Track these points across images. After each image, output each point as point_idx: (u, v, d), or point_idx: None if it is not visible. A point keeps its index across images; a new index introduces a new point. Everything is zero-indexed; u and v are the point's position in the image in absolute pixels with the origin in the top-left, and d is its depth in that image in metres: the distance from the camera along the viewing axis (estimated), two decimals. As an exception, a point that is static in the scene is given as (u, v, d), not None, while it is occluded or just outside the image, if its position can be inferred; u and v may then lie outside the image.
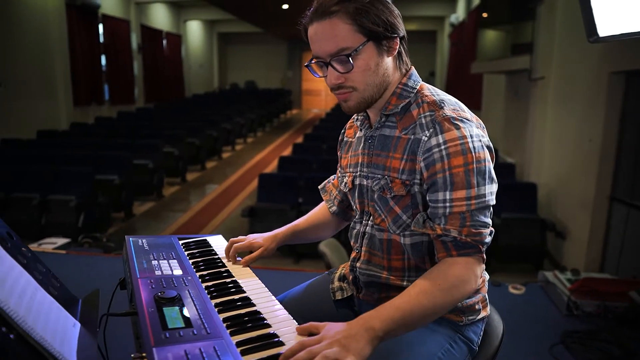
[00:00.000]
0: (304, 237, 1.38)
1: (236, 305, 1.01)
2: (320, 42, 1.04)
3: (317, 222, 1.41)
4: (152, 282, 1.07)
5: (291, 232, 1.36)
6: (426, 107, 1.07)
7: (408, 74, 1.13)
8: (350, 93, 1.08)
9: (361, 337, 0.86)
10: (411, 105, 1.10)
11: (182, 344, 0.82)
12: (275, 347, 0.87)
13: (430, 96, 1.09)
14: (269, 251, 1.31)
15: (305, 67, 1.13)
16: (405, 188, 1.08)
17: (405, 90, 1.11)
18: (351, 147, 1.28)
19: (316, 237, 1.41)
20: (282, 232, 1.35)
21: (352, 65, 1.03)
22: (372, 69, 1.05)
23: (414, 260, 1.12)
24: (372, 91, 1.08)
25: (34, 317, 0.81)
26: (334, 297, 1.30)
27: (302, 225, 1.38)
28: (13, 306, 0.77)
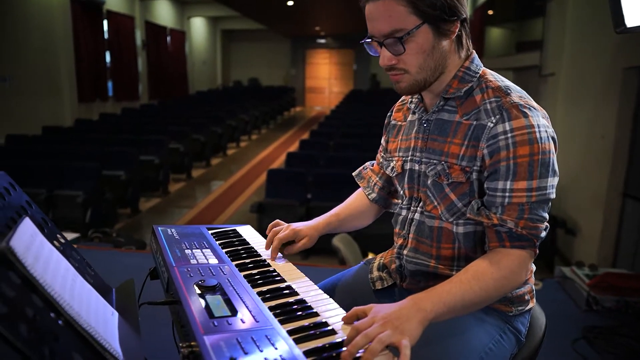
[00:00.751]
0: (343, 227, 1.34)
1: (280, 293, 0.98)
2: (375, 21, 1.01)
3: (356, 210, 1.36)
4: (189, 271, 1.04)
5: (331, 221, 1.31)
6: (491, 93, 1.04)
7: (470, 58, 1.09)
8: (402, 75, 1.05)
9: (413, 318, 0.84)
10: (474, 90, 1.07)
11: (232, 332, 0.79)
12: (327, 335, 0.83)
13: (495, 82, 1.06)
14: (312, 242, 1.26)
15: (360, 43, 1.09)
16: (464, 175, 1.04)
17: (467, 75, 1.08)
18: (401, 131, 1.25)
19: (354, 225, 1.37)
20: (323, 222, 1.30)
21: (403, 48, 1.00)
22: (427, 52, 1.02)
23: (464, 250, 1.09)
24: (425, 74, 1.04)
25: (78, 304, 0.78)
26: (374, 286, 1.26)
27: (342, 214, 1.34)
28: (59, 290, 0.74)
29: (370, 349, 0.77)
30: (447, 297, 0.91)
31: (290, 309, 0.91)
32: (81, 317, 0.74)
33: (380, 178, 1.37)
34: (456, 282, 0.94)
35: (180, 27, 14.72)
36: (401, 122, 1.27)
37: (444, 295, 0.91)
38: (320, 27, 16.49)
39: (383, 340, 0.78)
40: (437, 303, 0.89)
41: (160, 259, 1.15)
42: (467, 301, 0.93)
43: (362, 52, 18.19)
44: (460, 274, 0.97)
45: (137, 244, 4.13)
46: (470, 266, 0.98)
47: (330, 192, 5.24)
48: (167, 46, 13.49)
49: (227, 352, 0.72)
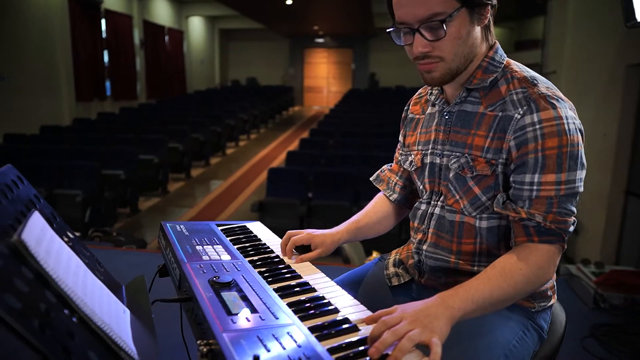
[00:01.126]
0: (363, 233, 1.28)
1: (297, 290, 0.95)
2: (409, 6, 0.96)
3: (377, 215, 1.31)
4: (201, 267, 1.01)
5: (350, 229, 1.25)
6: (517, 84, 1.01)
7: (494, 48, 1.06)
8: (437, 63, 1.01)
9: (441, 316, 0.82)
10: (498, 81, 1.04)
11: (252, 329, 0.76)
12: (350, 332, 0.81)
13: (520, 72, 1.03)
14: (326, 251, 1.20)
15: (386, 33, 1.05)
16: (490, 167, 1.01)
17: (491, 65, 1.05)
18: (419, 124, 1.22)
19: (376, 231, 1.31)
20: (343, 231, 1.24)
21: (444, 32, 0.96)
22: (463, 38, 0.98)
23: (486, 245, 1.06)
24: (459, 62, 1.01)
25: (91, 300, 0.74)
26: (390, 283, 1.23)
27: (362, 221, 1.28)
28: (72, 286, 0.71)
29: (400, 347, 0.74)
30: (475, 295, 0.88)
31: (309, 306, 0.88)
32: (96, 314, 0.71)
33: (400, 177, 1.33)
34: (484, 278, 0.92)
35: (178, 27, 14.67)
36: (419, 115, 1.24)
37: (472, 293, 0.88)
38: (319, 26, 16.46)
39: (413, 339, 0.75)
40: (466, 300, 0.87)
41: (170, 255, 1.12)
42: (495, 298, 0.90)
43: (361, 51, 18.20)
44: (487, 270, 0.94)
45: (138, 243, 4.09)
46: (497, 262, 0.95)
47: (331, 190, 5.21)
48: (165, 45, 13.43)
49: (249, 349, 0.69)
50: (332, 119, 10.08)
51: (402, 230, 4.47)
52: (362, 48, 18.20)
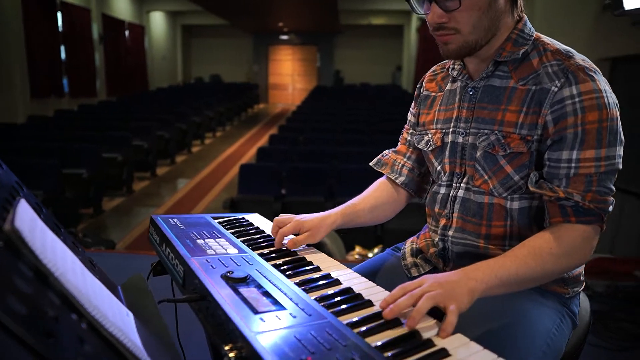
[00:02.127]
0: (360, 219, 1.18)
1: (322, 284, 0.86)
2: None
3: (377, 200, 1.21)
4: (209, 262, 0.90)
5: (346, 212, 1.16)
6: (550, 56, 0.96)
7: (523, 21, 1.02)
8: (453, 35, 0.96)
9: (463, 286, 0.79)
10: (530, 54, 0.99)
11: (287, 329, 0.66)
12: (394, 327, 0.72)
13: (553, 44, 0.99)
14: (315, 236, 1.10)
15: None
16: (526, 144, 0.95)
17: (521, 37, 1.00)
18: (436, 102, 1.15)
19: (375, 218, 1.22)
20: (337, 214, 1.14)
21: (459, 2, 0.91)
22: (482, 10, 0.93)
23: (517, 227, 1.00)
24: (477, 35, 0.95)
25: (98, 303, 0.63)
26: (409, 274, 1.16)
27: (360, 205, 1.18)
28: (76, 285, 0.59)
29: (418, 308, 0.71)
30: (499, 270, 0.84)
31: (340, 300, 0.79)
32: (107, 318, 0.60)
33: (408, 159, 1.25)
34: (510, 256, 0.88)
35: (139, 22, 14.21)
36: (436, 92, 1.17)
37: (496, 268, 0.85)
38: (284, 22, 16.31)
39: (431, 297, 0.73)
40: (489, 274, 0.83)
41: (168, 251, 1.01)
42: (522, 277, 0.86)
43: (326, 49, 18.17)
44: (515, 248, 0.90)
45: (106, 244, 3.89)
46: (527, 241, 0.91)
47: (305, 186, 5.12)
48: (125, 41, 12.97)
49: (292, 353, 0.60)
50: (300, 115, 9.99)
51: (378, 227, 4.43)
52: (327, 45, 18.16)
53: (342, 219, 1.15)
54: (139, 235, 5.08)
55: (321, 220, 1.12)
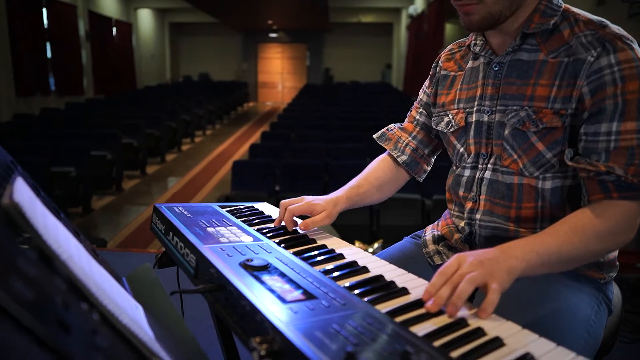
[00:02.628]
0: (364, 201, 1.15)
1: (349, 271, 0.79)
2: None
3: (378, 181, 1.18)
4: (224, 250, 0.82)
5: (351, 194, 1.12)
6: (582, 26, 0.90)
7: None
8: (475, 6, 0.90)
9: (502, 264, 0.73)
10: (559, 25, 0.93)
11: (323, 319, 0.59)
12: (436, 315, 0.65)
13: (584, 15, 0.93)
14: (331, 217, 1.06)
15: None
16: (560, 119, 0.90)
17: (549, 8, 0.94)
18: (456, 81, 1.10)
19: (376, 199, 1.19)
20: (342, 198, 1.10)
21: None
22: None
23: (549, 208, 0.95)
24: (502, 6, 0.90)
25: (106, 292, 0.55)
26: (432, 262, 1.10)
27: (363, 187, 1.15)
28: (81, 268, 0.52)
29: (459, 292, 0.66)
30: (540, 248, 0.78)
31: (373, 288, 0.72)
32: (120, 309, 0.52)
33: (413, 138, 1.20)
34: (551, 233, 0.82)
35: (126, 19, 14.01)
36: (455, 72, 1.11)
37: (536, 245, 0.78)
38: (273, 20, 16.20)
39: (471, 280, 0.67)
40: (529, 252, 0.77)
41: (176, 240, 0.93)
42: (565, 255, 0.80)
43: (315, 47, 18.09)
44: (556, 225, 0.84)
45: (98, 243, 3.78)
46: (568, 217, 0.85)
47: (299, 183, 5.04)
48: (112, 38, 12.77)
49: (333, 344, 0.52)
50: (291, 112, 9.91)
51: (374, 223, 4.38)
52: (316, 43, 18.07)
53: (347, 202, 1.11)
54: (130, 234, 4.97)
55: (332, 203, 1.08)
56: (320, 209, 1.05)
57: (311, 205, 1.05)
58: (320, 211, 1.05)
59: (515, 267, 0.74)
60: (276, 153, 5.86)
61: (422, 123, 1.20)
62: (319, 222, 1.04)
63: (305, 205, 1.05)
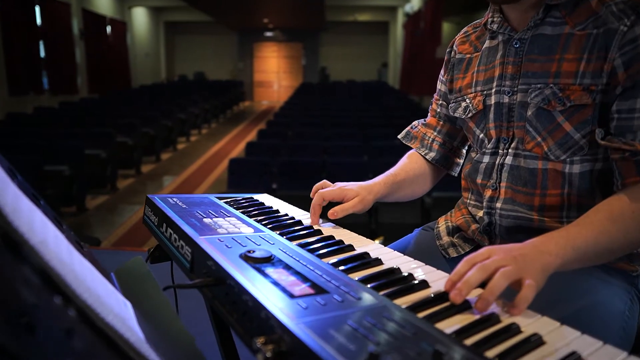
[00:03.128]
0: (400, 191, 1.08)
1: (361, 263, 0.71)
2: None
3: (414, 172, 1.11)
4: (222, 242, 0.75)
5: (389, 183, 1.05)
6: None
7: None
8: None
9: (536, 260, 0.66)
10: None
11: (335, 315, 0.52)
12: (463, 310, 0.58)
13: None
14: (365, 204, 0.98)
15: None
16: (590, 95, 0.83)
17: None
18: (472, 63, 1.03)
19: (411, 192, 1.12)
20: (380, 183, 1.03)
21: None
22: None
23: (576, 196, 0.87)
24: None
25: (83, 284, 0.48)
26: (447, 254, 1.02)
27: (400, 175, 1.08)
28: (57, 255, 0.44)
29: (491, 286, 0.58)
30: (575, 241, 0.71)
31: (389, 281, 0.64)
32: (103, 303, 0.44)
33: (438, 132, 1.13)
34: (586, 223, 0.75)
35: (120, 17, 13.89)
36: (471, 54, 1.05)
37: (571, 238, 0.71)
38: (269, 19, 16.11)
39: (506, 274, 0.59)
40: (564, 247, 0.70)
41: (170, 232, 0.85)
42: (603, 246, 0.74)
43: (311, 45, 18.02)
44: (589, 214, 0.76)
45: (91, 242, 3.69)
46: (602, 205, 0.78)
47: (296, 181, 4.97)
48: (107, 37, 12.65)
49: (351, 344, 0.45)
50: (288, 110, 9.84)
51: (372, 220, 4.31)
52: (312, 42, 18.00)
53: (385, 189, 1.04)
54: (124, 233, 4.89)
55: (367, 189, 1.01)
56: (353, 195, 0.98)
57: (343, 191, 0.98)
58: (353, 197, 0.98)
59: (550, 264, 0.67)
60: (273, 151, 5.78)
61: (444, 115, 1.13)
62: (350, 209, 0.96)
63: (337, 190, 0.98)
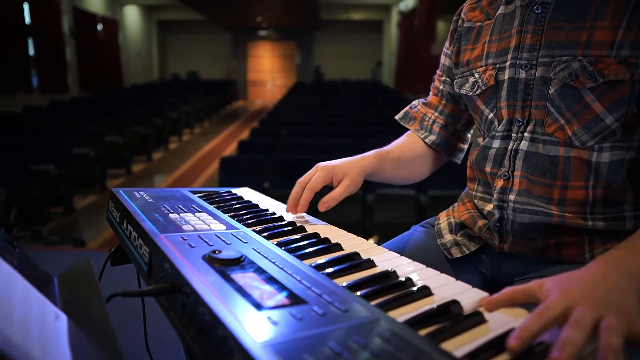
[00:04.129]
0: (393, 172, 0.96)
1: (349, 266, 0.59)
2: None
3: (412, 152, 0.99)
4: (185, 240, 0.63)
5: (380, 158, 0.93)
6: None
7: None
8: None
9: (629, 290, 0.49)
10: None
11: (312, 332, 0.40)
12: (475, 326, 0.46)
13: None
14: (354, 184, 0.87)
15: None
16: (628, 70, 0.70)
17: None
18: (483, 32, 0.90)
19: (410, 173, 1.00)
20: (370, 157, 0.92)
21: None
22: None
23: (603, 189, 0.75)
24: None
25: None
26: (450, 255, 0.90)
27: (394, 153, 0.96)
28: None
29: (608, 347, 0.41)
30: None
31: (383, 287, 0.53)
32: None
33: (440, 113, 1.00)
34: None
35: (112, 16, 13.71)
36: (482, 22, 0.92)
37: None
38: (262, 17, 15.97)
39: (619, 332, 0.43)
40: None
41: (130, 229, 0.74)
42: None
43: (305, 45, 17.90)
44: None
45: (75, 242, 3.56)
46: None
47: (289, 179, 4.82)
48: (98, 35, 12.47)
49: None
50: (281, 109, 9.74)
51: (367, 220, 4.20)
52: (306, 41, 17.87)
53: (375, 162, 0.92)
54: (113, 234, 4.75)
55: (354, 165, 0.89)
56: (341, 172, 0.87)
57: (329, 172, 0.87)
58: (341, 174, 0.87)
59: None
60: (266, 149, 5.67)
61: (448, 93, 1.00)
62: (341, 196, 0.86)
63: (322, 173, 0.87)
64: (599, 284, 0.49)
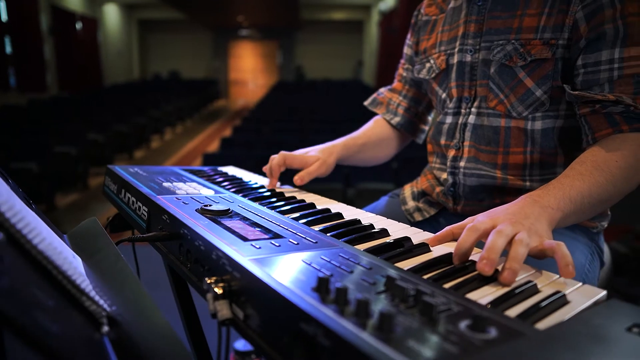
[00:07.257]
0: (362, 154, 1.09)
1: (322, 217, 0.70)
2: None
3: (377, 136, 1.12)
4: (179, 200, 0.73)
5: (348, 143, 1.06)
6: None
7: None
8: None
9: (541, 217, 0.62)
10: None
11: (288, 253, 0.50)
12: (422, 254, 0.57)
13: None
14: (328, 166, 1.00)
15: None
16: (550, 49, 0.82)
17: None
18: (438, 24, 1.03)
19: (374, 156, 1.13)
20: (338, 145, 1.04)
21: None
22: None
23: (539, 154, 0.87)
24: None
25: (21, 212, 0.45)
26: (412, 219, 1.02)
27: (360, 139, 1.09)
28: None
29: (514, 256, 0.52)
30: (572, 192, 0.68)
31: (350, 229, 0.63)
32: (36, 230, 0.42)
33: (404, 97, 1.13)
34: (574, 175, 0.71)
35: (91, 14, 13.61)
36: (436, 15, 1.05)
37: (567, 190, 0.68)
38: (244, 16, 15.99)
39: (526, 243, 0.54)
40: (562, 198, 0.67)
41: (128, 196, 0.83)
42: (595, 197, 0.70)
43: (287, 44, 17.96)
44: (574, 166, 0.73)
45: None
46: (584, 156, 0.75)
47: (271, 175, 4.94)
48: (77, 34, 12.38)
49: (302, 276, 0.44)
50: (263, 108, 9.80)
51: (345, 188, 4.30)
52: (288, 41, 17.94)
53: (344, 150, 1.05)
54: (96, 230, 4.76)
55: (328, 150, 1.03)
56: (314, 159, 1.00)
57: (304, 157, 0.99)
58: (314, 161, 0.99)
59: (553, 218, 0.64)
60: (248, 146, 5.74)
61: (410, 79, 1.14)
62: (315, 172, 0.98)
63: (298, 157, 1.00)
64: (517, 212, 0.61)
